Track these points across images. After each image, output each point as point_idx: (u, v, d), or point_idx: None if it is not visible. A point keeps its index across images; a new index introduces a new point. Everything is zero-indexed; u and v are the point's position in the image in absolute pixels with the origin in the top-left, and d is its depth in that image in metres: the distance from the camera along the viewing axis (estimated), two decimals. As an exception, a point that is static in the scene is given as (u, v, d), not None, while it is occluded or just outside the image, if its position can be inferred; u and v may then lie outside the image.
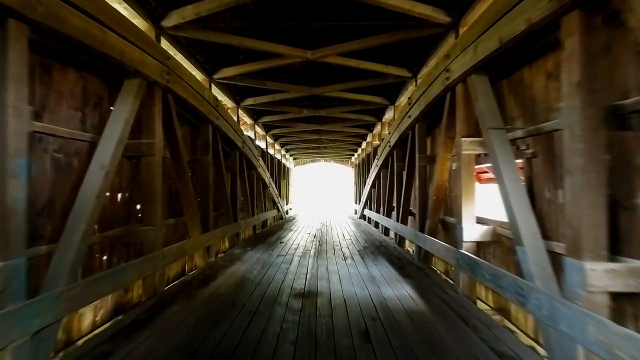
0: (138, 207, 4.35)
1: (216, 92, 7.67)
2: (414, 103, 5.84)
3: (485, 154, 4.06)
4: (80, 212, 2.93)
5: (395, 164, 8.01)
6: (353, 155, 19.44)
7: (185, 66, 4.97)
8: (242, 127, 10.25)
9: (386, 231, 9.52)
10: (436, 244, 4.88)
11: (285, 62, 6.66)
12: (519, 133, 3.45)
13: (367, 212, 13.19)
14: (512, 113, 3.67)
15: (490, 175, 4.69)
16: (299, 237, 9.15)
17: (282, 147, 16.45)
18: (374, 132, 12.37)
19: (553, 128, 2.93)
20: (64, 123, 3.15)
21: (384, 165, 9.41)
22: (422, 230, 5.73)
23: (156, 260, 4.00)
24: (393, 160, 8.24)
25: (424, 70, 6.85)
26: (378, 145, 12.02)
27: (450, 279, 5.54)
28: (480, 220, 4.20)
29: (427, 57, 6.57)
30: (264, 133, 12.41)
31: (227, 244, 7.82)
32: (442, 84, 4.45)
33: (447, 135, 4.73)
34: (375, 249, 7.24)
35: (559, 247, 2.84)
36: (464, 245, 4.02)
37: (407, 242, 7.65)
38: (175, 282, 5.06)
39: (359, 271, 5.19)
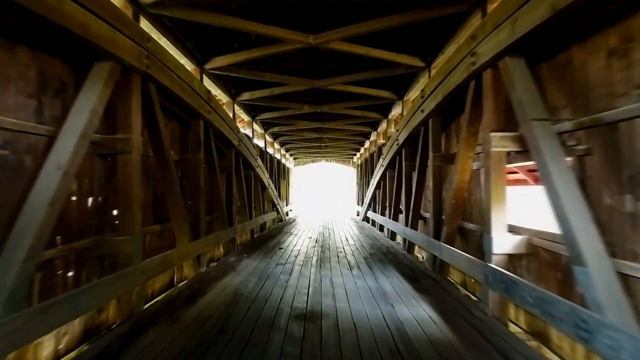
0: (115, 213, 3.76)
1: (209, 84, 7.05)
2: (429, 95, 5.25)
3: (519, 151, 3.48)
4: (27, 224, 2.34)
5: (404, 163, 7.42)
6: (355, 154, 18.85)
7: (171, 52, 4.38)
8: (239, 125, 9.66)
9: (392, 235, 8.93)
10: (456, 255, 4.28)
11: (284, 49, 6.01)
12: (566, 125, 2.85)
13: (370, 214, 12.60)
14: (555, 102, 3.07)
15: (519, 176, 4.11)
16: (299, 242, 8.55)
17: (281, 146, 15.86)
18: (378, 130, 11.78)
19: (619, 117, 2.34)
20: (11, 113, 2.56)
21: (390, 165, 8.81)
22: (437, 237, 5.14)
23: (133, 276, 3.42)
24: (401, 159, 7.64)
25: (440, 59, 6.21)
26: (383, 144, 11.43)
27: (470, 292, 4.95)
28: (511, 229, 3.61)
29: (444, 43, 5.93)
30: (263, 131, 11.81)
31: (221, 250, 7.23)
32: (466, 71, 3.86)
33: (469, 130, 4.14)
34: (383, 256, 6.65)
35: (628, 267, 2.25)
36: (494, 258, 3.43)
37: (416, 247, 7.06)
38: (158, 298, 4.47)
39: (368, 284, 4.60)
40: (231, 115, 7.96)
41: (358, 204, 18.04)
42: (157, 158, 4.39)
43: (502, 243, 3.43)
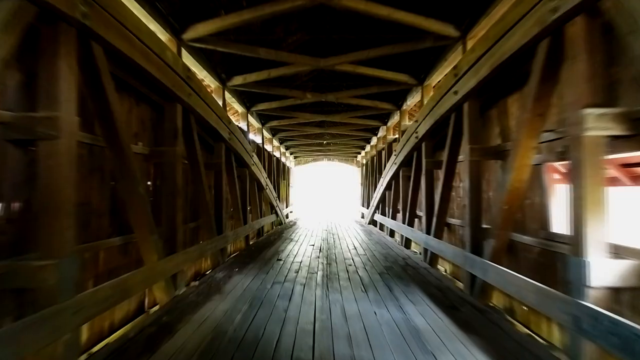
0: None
1: (191, 64, 5.86)
2: (466, 72, 4.13)
3: (617, 137, 2.38)
4: None
5: (424, 160, 6.31)
6: (360, 153, 17.72)
7: (130, 9, 3.28)
8: (232, 117, 8.56)
9: (407, 243, 7.81)
10: (515, 280, 3.16)
11: (283, 8, 4.78)
12: None
13: (379, 217, 11.50)
14: None
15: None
16: (301, 251, 7.44)
17: (281, 143, 14.74)
18: (389, 124, 10.63)
19: None
20: None
21: (405, 163, 7.71)
22: (476, 251, 4.04)
23: (60, 320, 2.31)
24: (420, 155, 6.54)
25: (482, 24, 4.81)
26: (394, 140, 10.33)
27: (520, 322, 3.83)
28: (614, 250, 2.49)
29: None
30: (260, 125, 10.68)
31: (209, 262, 6.13)
32: (538, 24, 2.74)
33: (535, 111, 3.03)
34: (402, 270, 5.54)
35: None
36: (590, 293, 2.32)
37: (438, 258, 5.95)
38: (110, 340, 3.36)
39: (392, 316, 3.49)
40: (221, 103, 6.84)
41: (363, 206, 16.93)
42: (111, 149, 3.29)
43: (604, 271, 2.32)
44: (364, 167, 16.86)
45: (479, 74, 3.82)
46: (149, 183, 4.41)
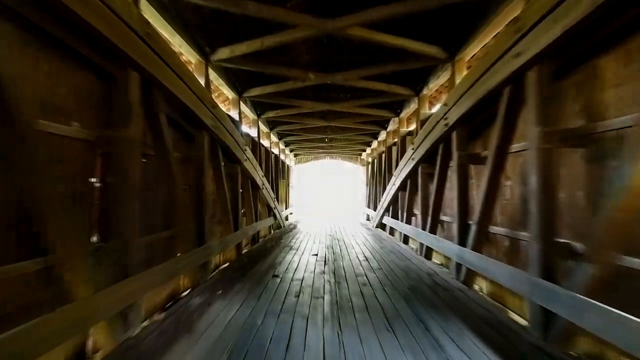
0: None
1: (160, 25, 4.60)
2: (539, 21, 2.91)
3: None
4: None
5: (456, 153, 5.09)
6: (365, 150, 16.48)
7: None
8: (223, 107, 7.35)
9: (428, 253, 6.57)
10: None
11: None
12: None
13: (388, 220, 10.28)
14: None
15: None
16: (302, 264, 6.23)
17: (280, 139, 13.50)
18: (402, 115, 9.35)
19: None
20: None
21: (426, 158, 6.50)
22: (549, 277, 2.83)
23: None
24: (450, 147, 5.33)
25: None
26: (409, 133, 9.12)
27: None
28: None
29: None
30: (255, 116, 9.43)
31: (187, 281, 4.92)
32: None
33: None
34: (431, 292, 4.32)
35: None
36: None
37: (470, 273, 4.74)
38: None
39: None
40: (203, 81, 5.60)
41: (369, 207, 15.71)
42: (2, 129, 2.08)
43: None
44: (370, 166, 15.62)
45: (562, 21, 2.61)
46: (93, 180, 3.19)
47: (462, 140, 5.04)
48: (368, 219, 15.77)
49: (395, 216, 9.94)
